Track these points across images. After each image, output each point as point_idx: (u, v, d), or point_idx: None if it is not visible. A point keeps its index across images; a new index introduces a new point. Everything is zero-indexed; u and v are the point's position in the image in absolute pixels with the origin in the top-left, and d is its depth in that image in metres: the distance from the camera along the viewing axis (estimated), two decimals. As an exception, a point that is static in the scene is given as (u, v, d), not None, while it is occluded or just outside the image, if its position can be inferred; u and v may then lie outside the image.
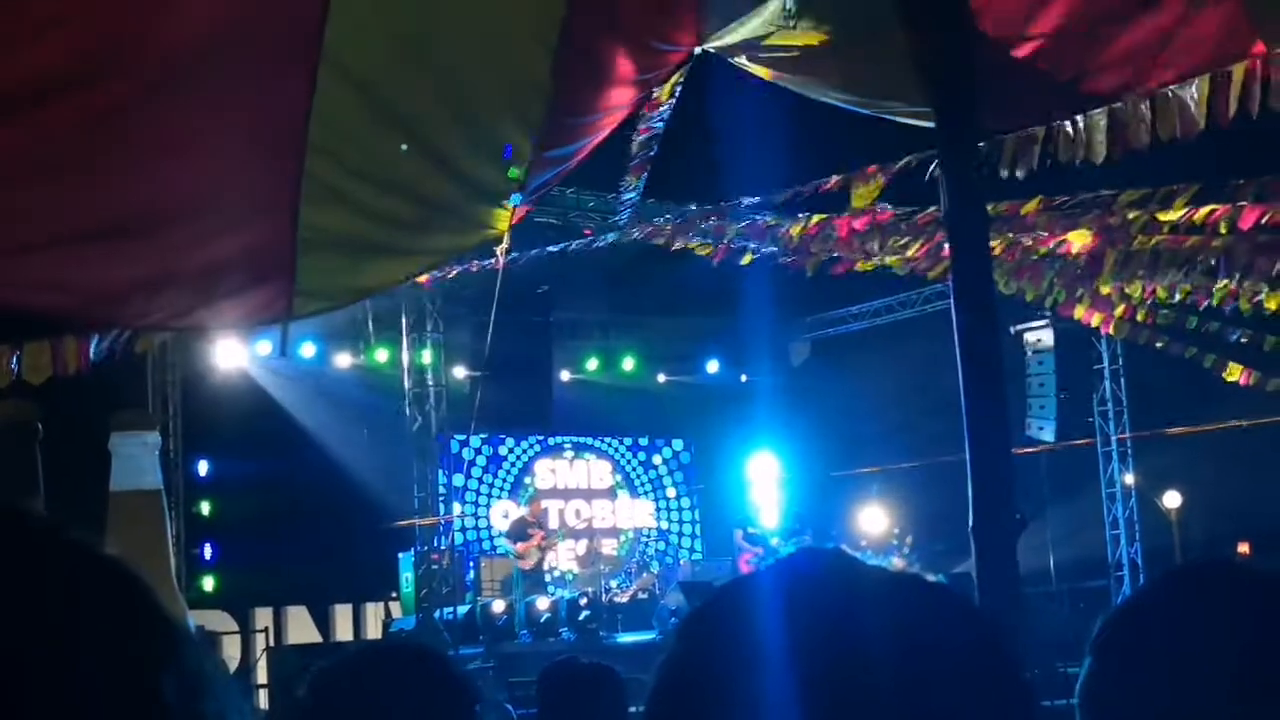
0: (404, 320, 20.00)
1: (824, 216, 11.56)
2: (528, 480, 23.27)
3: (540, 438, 23.53)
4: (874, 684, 1.07)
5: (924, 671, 1.09)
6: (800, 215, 11.86)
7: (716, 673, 1.11)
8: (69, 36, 4.40)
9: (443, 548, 19.89)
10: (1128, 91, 5.26)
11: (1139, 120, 5.27)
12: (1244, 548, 23.04)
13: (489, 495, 22.86)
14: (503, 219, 5.90)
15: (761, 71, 5.83)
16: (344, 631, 21.37)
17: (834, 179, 9.62)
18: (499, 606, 18.67)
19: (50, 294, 5.69)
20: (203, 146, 5.03)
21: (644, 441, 24.76)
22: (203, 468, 20.30)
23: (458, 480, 22.06)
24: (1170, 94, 5.18)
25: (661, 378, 24.92)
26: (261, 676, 17.64)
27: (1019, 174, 5.78)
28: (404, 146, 5.38)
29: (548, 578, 21.25)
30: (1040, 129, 5.59)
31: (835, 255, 12.34)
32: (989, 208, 9.55)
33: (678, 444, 25.02)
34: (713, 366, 25.32)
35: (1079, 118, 5.43)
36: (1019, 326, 20.92)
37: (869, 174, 8.62)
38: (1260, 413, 17.56)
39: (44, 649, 0.80)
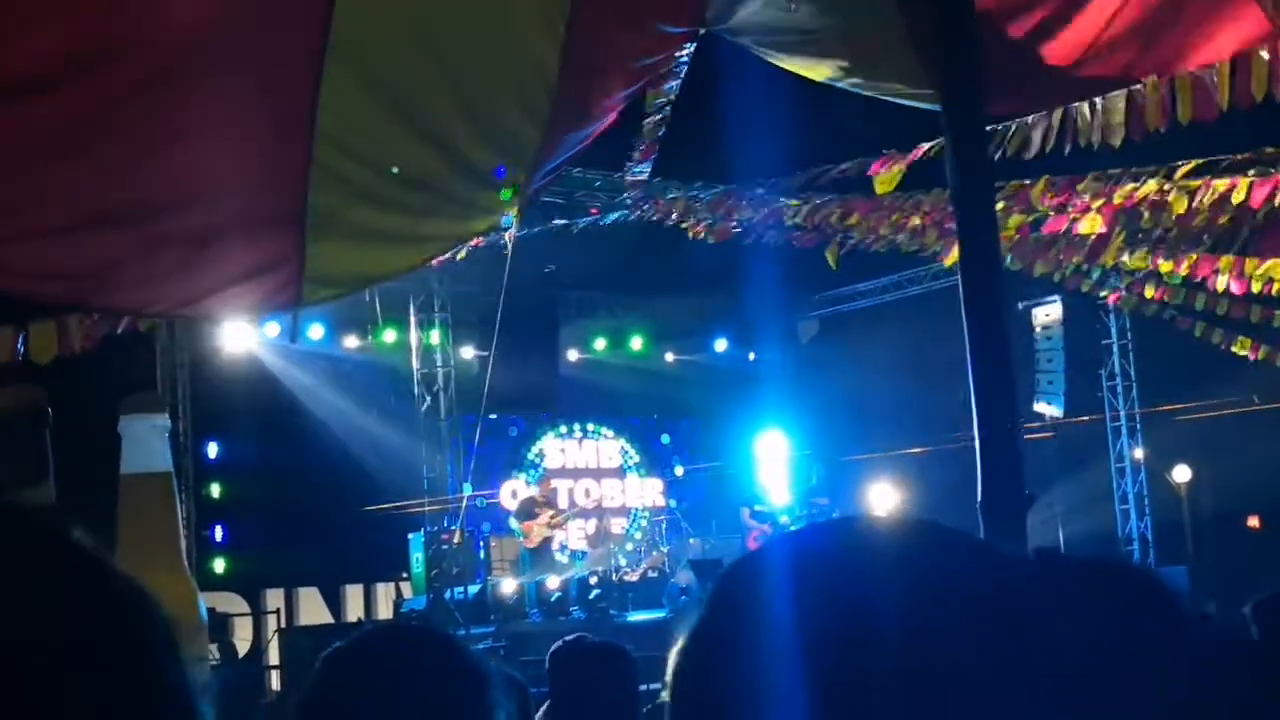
0: (412, 301, 20.01)
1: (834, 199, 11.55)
2: (537, 460, 23.31)
3: (549, 417, 23.56)
4: (905, 654, 1.05)
5: (950, 634, 1.07)
6: (810, 197, 11.85)
7: (746, 643, 1.10)
8: (78, 22, 4.40)
9: (452, 528, 19.93)
10: (1139, 77, 5.25)
11: (1157, 103, 5.25)
12: (1254, 521, 23.04)
13: (498, 475, 22.91)
14: (511, 205, 5.90)
15: (765, 53, 5.82)
16: (355, 612, 21.42)
17: (849, 164, 9.60)
18: (509, 586, 18.72)
19: (57, 281, 5.70)
20: (211, 134, 5.03)
21: (652, 420, 24.78)
22: (212, 450, 20.33)
23: (468, 461, 22.09)
24: (1189, 76, 5.16)
25: (670, 356, 24.90)
26: (274, 658, 17.70)
27: (1029, 155, 5.77)
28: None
29: (562, 556, 21.33)
30: (1057, 111, 5.57)
31: (849, 235, 12.31)
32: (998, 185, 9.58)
33: (686, 423, 25.03)
34: (721, 345, 25.31)
35: (1097, 100, 5.41)
36: (1027, 302, 20.91)
37: (889, 160, 8.60)
38: (1271, 386, 17.53)
39: (34, 646, 0.81)
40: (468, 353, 21.28)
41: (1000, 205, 9.91)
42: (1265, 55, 4.98)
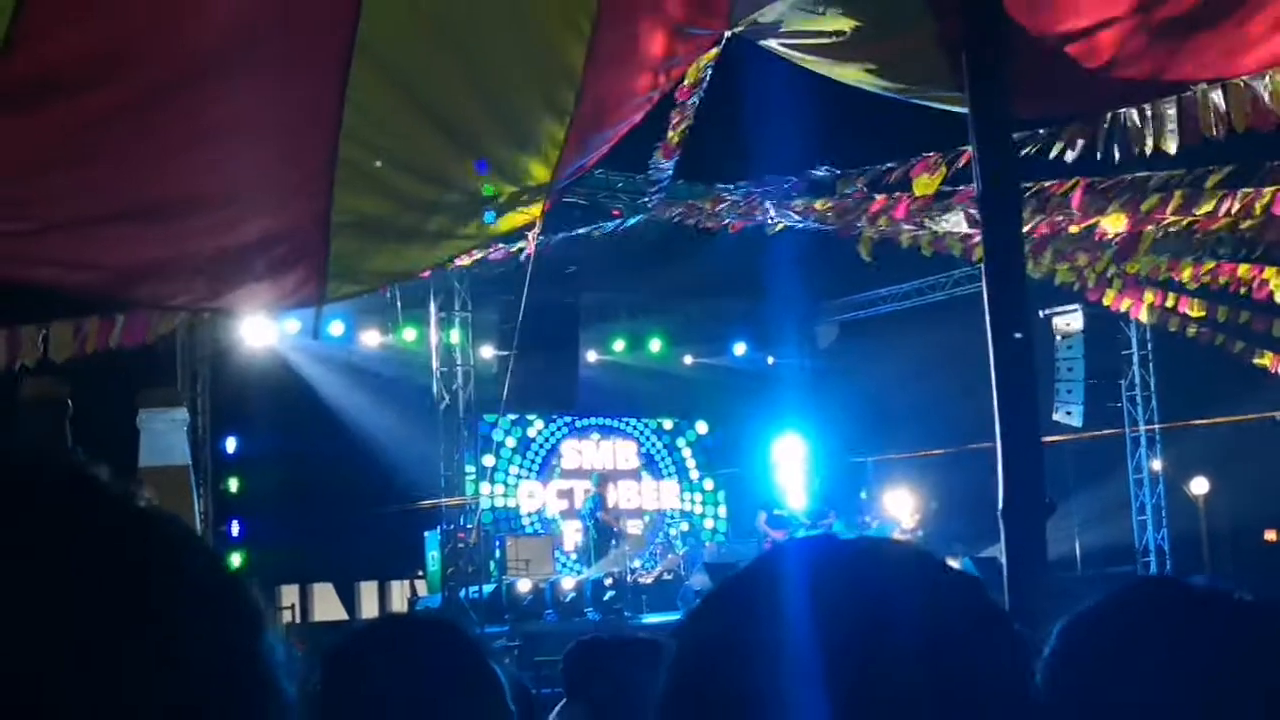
0: (432, 299, 20.02)
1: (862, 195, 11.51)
2: (554, 460, 23.34)
3: (567, 418, 23.57)
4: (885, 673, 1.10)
5: (932, 652, 1.11)
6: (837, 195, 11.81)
7: (732, 656, 1.14)
8: (106, 23, 4.42)
9: (469, 526, 19.94)
10: (1177, 83, 5.21)
11: (1210, 109, 5.21)
12: (1271, 534, 22.97)
13: (517, 475, 22.94)
14: (535, 206, 5.90)
15: (791, 56, 5.81)
16: (370, 609, 21.45)
17: (895, 169, 9.60)
18: (524, 586, 18.75)
19: (83, 273, 5.72)
20: (237, 131, 5.04)
21: (670, 423, 24.77)
22: (231, 445, 20.37)
23: (486, 460, 22.11)
24: (1243, 84, 5.13)
25: (688, 359, 24.90)
26: (288, 653, 17.73)
27: (1071, 156, 5.73)
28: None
29: (573, 556, 21.40)
30: (1106, 117, 5.54)
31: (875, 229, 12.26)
32: (1030, 188, 9.54)
33: (704, 426, 25.02)
34: (740, 349, 25.28)
35: (1146, 106, 5.38)
36: (1048, 311, 20.85)
37: (932, 163, 8.58)
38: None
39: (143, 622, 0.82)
40: (487, 352, 21.29)
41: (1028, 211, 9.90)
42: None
